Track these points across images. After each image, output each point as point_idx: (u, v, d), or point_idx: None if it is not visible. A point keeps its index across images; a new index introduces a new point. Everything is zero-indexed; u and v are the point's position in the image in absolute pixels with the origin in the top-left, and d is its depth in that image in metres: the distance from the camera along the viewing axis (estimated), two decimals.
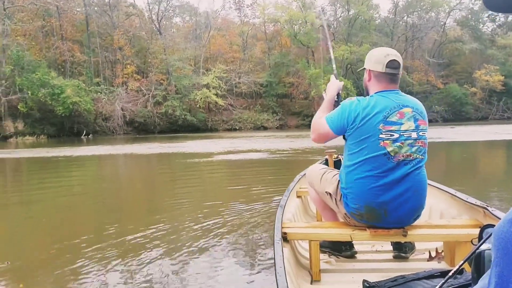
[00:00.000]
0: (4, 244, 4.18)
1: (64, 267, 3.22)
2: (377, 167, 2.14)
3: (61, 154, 14.81)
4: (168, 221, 4.60)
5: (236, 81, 39.66)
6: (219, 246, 3.68)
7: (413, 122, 2.17)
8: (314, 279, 2.29)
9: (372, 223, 2.24)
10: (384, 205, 2.15)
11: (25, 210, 5.91)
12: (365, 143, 2.15)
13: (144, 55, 39.07)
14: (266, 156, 12.08)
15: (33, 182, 8.54)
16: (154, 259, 3.37)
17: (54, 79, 30.28)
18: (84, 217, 5.41)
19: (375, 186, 2.15)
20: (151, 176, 9.57)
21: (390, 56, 2.19)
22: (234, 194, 6.27)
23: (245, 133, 31.82)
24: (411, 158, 2.15)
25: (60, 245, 3.86)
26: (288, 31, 41.94)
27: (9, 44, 30.78)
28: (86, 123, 31.83)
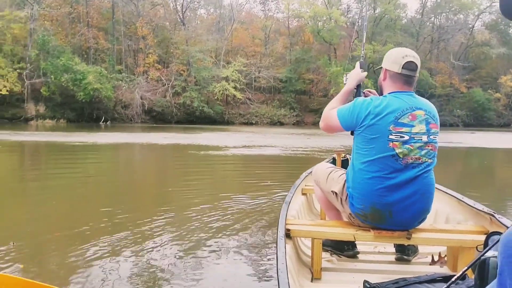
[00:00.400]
0: (12, 224, 4.26)
1: (68, 251, 3.26)
2: (385, 168, 2.12)
3: (78, 139, 15.09)
4: (176, 211, 4.65)
5: (256, 75, 39.60)
6: (221, 239, 3.68)
7: (425, 125, 2.13)
8: (314, 277, 2.29)
9: (376, 224, 2.22)
10: (390, 207, 2.13)
11: (38, 192, 6.04)
12: (374, 143, 2.13)
13: (167, 45, 39.33)
14: (279, 152, 12.04)
15: (49, 166, 8.72)
16: (153, 248, 3.38)
17: (77, 65, 30.84)
18: (94, 202, 5.47)
19: (382, 188, 2.13)
20: (164, 166, 9.65)
21: (408, 57, 2.15)
22: (243, 188, 6.27)
23: (261, 127, 31.81)
24: (420, 161, 2.12)
25: (68, 229, 3.93)
26: (312, 27, 41.57)
27: (36, 28, 31.43)
28: (106, 110, 32.32)
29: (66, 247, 3.33)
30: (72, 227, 3.95)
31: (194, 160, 9.95)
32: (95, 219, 4.27)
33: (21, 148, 11.77)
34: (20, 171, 8.25)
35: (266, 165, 9.52)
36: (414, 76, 2.18)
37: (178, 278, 2.83)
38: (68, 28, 36.23)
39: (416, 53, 2.25)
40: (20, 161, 9.65)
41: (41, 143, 11.24)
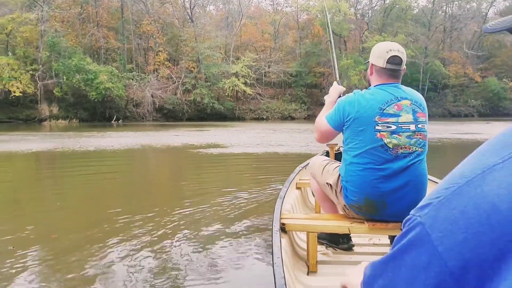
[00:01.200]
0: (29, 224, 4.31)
1: (86, 250, 3.37)
2: (376, 160, 2.14)
3: (90, 140, 15.26)
4: (188, 207, 4.77)
5: (266, 70, 39.47)
6: (217, 235, 3.75)
7: (412, 115, 2.16)
8: (310, 270, 2.31)
9: (370, 216, 2.24)
10: (383, 198, 2.16)
11: (54, 192, 6.11)
12: (362, 135, 2.16)
13: (176, 43, 39.43)
14: (289, 149, 11.97)
15: (65, 166, 8.82)
16: (152, 244, 3.45)
17: (89, 64, 31.13)
18: (110, 201, 5.56)
19: (374, 179, 2.15)
20: (175, 165, 9.68)
21: (392, 51, 2.18)
22: (248, 186, 6.27)
23: (272, 123, 31.72)
24: (410, 150, 2.15)
25: (86, 228, 4.04)
26: (321, 20, 41.17)
27: (47, 30, 31.80)
28: (118, 109, 32.61)
29: (83, 246, 3.44)
30: (88, 227, 4.08)
31: (205, 160, 9.95)
32: (111, 217, 4.40)
33: (36, 156, 11.93)
34: (36, 171, 8.38)
35: (273, 162, 9.46)
36: (399, 70, 2.21)
37: (180, 272, 2.91)
38: (78, 29, 36.57)
39: (407, 46, 2.41)
40: (35, 165, 9.78)
41: (56, 153, 11.34)
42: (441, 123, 25.71)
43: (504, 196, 0.35)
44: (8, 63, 29.25)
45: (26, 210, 5.05)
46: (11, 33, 31.36)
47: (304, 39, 44.23)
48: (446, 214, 0.39)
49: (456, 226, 0.37)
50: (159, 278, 2.83)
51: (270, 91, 40.76)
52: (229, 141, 14.11)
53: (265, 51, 42.66)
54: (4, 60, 29.12)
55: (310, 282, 2.21)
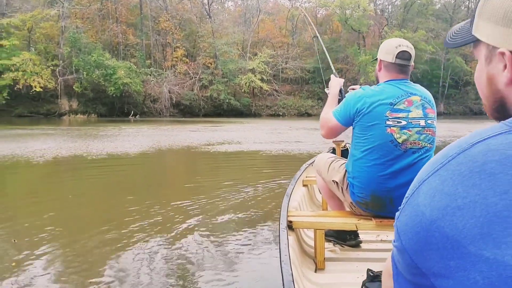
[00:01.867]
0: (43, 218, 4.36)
1: (102, 244, 3.46)
2: (385, 155, 2.13)
3: (108, 134, 15.44)
4: (199, 202, 4.85)
5: (283, 66, 39.24)
6: (226, 232, 3.79)
7: (422, 110, 2.16)
8: (318, 268, 2.32)
9: (377, 212, 2.23)
10: (390, 194, 2.14)
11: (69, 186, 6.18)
12: (372, 130, 2.15)
13: (194, 39, 39.57)
14: (304, 147, 11.87)
15: (81, 160, 8.93)
16: (156, 241, 3.50)
17: (108, 60, 31.55)
18: (122, 192, 5.65)
19: (382, 175, 2.14)
20: (189, 160, 9.69)
21: (401, 47, 2.17)
22: (258, 182, 6.22)
23: (289, 119, 31.53)
24: (419, 146, 2.14)
25: (102, 223, 4.10)
26: (339, 16, 40.70)
27: (67, 26, 32.34)
28: (135, 104, 32.97)
29: (100, 242, 3.52)
30: (103, 217, 4.27)
31: (220, 157, 9.93)
32: (126, 209, 4.53)
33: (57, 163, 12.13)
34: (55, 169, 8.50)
35: (290, 160, 9.36)
36: (408, 65, 2.20)
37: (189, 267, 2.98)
38: (98, 25, 37.05)
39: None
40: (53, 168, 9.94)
41: (77, 159, 11.49)
42: (461, 122, 25.10)
43: (428, 205, 0.47)
44: (30, 59, 29.86)
45: (43, 198, 5.21)
46: (32, 29, 32.00)
47: (322, 35, 43.73)
48: (403, 218, 0.51)
49: (407, 227, 0.50)
50: (167, 270, 2.91)
51: (287, 87, 40.53)
52: (244, 138, 14.07)
53: (282, 47, 42.40)
54: (26, 56, 29.73)
55: (317, 279, 2.20)
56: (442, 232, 0.45)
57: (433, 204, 0.47)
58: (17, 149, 9.98)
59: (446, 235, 0.44)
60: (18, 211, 4.62)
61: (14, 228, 3.91)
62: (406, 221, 0.50)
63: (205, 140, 13.22)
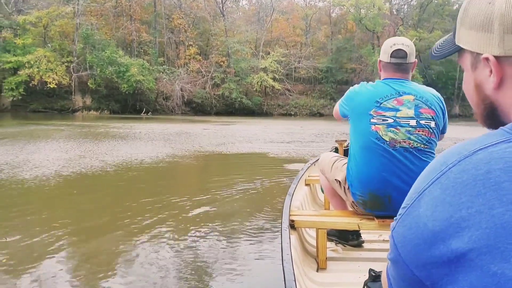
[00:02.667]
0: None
1: (113, 241, 3.55)
2: (374, 152, 2.12)
3: (120, 131, 15.52)
4: (206, 201, 4.93)
5: (295, 66, 39.02)
6: (226, 230, 3.83)
7: (413, 110, 2.10)
8: (320, 267, 2.32)
9: (377, 212, 2.21)
10: (387, 193, 2.12)
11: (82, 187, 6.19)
12: (359, 126, 2.18)
13: (207, 37, 39.61)
14: (315, 148, 11.74)
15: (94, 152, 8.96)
16: (159, 239, 3.56)
17: (121, 57, 31.78)
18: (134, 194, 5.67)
19: (377, 173, 2.12)
20: (196, 159, 9.65)
21: (395, 45, 2.15)
22: (263, 182, 6.19)
23: (300, 119, 31.34)
24: (409, 146, 2.09)
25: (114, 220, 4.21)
26: (353, 15, 40.28)
27: (82, 23, 32.68)
28: (148, 101, 33.16)
29: (112, 238, 3.61)
30: (113, 213, 4.40)
31: (231, 157, 9.88)
32: (137, 208, 4.58)
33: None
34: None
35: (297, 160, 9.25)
36: (404, 63, 2.16)
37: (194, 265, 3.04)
38: (112, 22, 37.35)
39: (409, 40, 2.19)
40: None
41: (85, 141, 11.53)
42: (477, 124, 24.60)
43: (430, 216, 0.45)
44: (44, 55, 30.25)
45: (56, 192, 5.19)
46: (48, 26, 32.41)
47: (336, 34, 43.41)
48: (401, 229, 0.49)
49: (406, 239, 0.48)
50: (171, 267, 2.98)
51: (300, 87, 40.30)
52: (255, 138, 14.00)
53: (295, 46, 42.17)
54: (41, 52, 30.13)
55: (319, 278, 2.20)
56: (446, 245, 0.43)
57: (435, 215, 0.45)
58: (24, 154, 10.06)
59: (450, 247, 0.42)
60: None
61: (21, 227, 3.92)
62: (404, 233, 0.48)
63: (215, 139, 13.18)
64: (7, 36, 30.67)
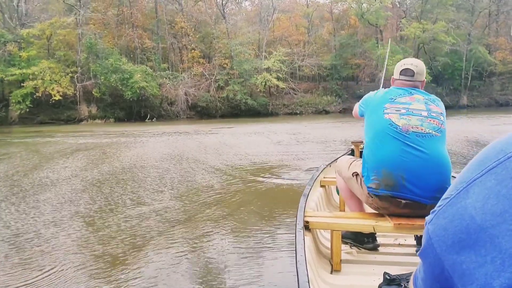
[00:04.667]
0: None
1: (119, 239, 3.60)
2: (388, 135, 2.26)
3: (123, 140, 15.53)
4: (217, 202, 5.10)
5: (299, 64, 38.79)
6: (240, 231, 3.91)
7: (424, 105, 2.30)
8: (334, 269, 2.31)
9: (391, 192, 2.24)
10: (401, 172, 2.20)
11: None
12: (372, 119, 2.39)
13: (210, 40, 39.58)
14: (320, 149, 11.59)
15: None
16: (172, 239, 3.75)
17: (124, 64, 31.88)
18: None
19: (391, 153, 2.24)
20: (206, 157, 9.56)
21: (405, 65, 2.45)
22: (277, 183, 6.20)
23: (306, 117, 31.10)
24: (422, 131, 2.22)
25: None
26: (355, 10, 39.93)
27: (84, 33, 32.88)
28: (152, 107, 33.21)
29: (116, 238, 3.80)
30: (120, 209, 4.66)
31: (238, 157, 9.76)
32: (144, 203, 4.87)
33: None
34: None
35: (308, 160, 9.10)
36: (411, 80, 2.43)
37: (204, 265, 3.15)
38: (114, 30, 37.53)
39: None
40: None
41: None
42: (487, 114, 24.16)
43: (479, 209, 0.40)
44: (49, 67, 30.47)
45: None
46: (51, 38, 32.66)
47: (339, 30, 43.09)
48: (441, 221, 0.44)
49: (447, 232, 0.43)
50: (183, 265, 3.11)
51: (304, 85, 40.03)
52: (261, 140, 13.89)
53: (298, 44, 41.92)
54: (45, 64, 30.36)
55: (333, 280, 2.19)
56: (494, 243, 0.37)
57: (486, 208, 0.39)
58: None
59: (499, 247, 0.37)
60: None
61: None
62: (445, 226, 0.43)
63: (222, 142, 13.09)
64: (12, 50, 30.97)
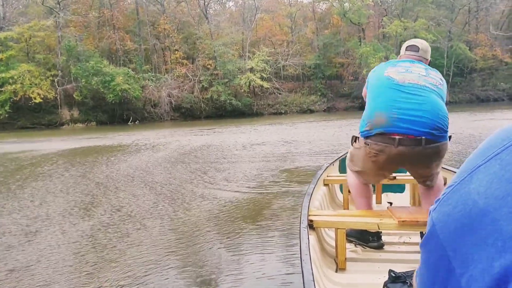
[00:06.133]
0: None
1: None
2: (385, 88, 2.39)
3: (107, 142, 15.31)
4: (221, 201, 5.19)
5: (282, 64, 38.79)
6: (245, 230, 3.96)
7: (424, 70, 2.44)
8: (339, 268, 2.31)
9: (383, 128, 2.30)
10: (393, 111, 2.29)
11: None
12: (374, 80, 2.53)
13: (193, 41, 39.33)
14: (306, 149, 11.56)
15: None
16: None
17: (105, 67, 31.45)
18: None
19: (385, 98, 2.36)
20: (204, 159, 9.44)
21: (411, 42, 2.66)
22: (280, 183, 6.23)
23: (291, 117, 31.10)
24: (419, 84, 2.33)
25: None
26: (337, 10, 40.12)
27: (64, 35, 32.39)
28: (135, 110, 32.85)
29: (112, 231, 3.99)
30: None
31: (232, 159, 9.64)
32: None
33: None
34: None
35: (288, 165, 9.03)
36: (416, 55, 2.57)
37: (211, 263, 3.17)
38: (95, 33, 37.06)
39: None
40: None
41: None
42: (469, 110, 24.44)
43: (482, 194, 0.39)
44: (28, 70, 29.91)
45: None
46: (30, 41, 32.08)
47: (322, 30, 43.23)
48: (445, 208, 0.44)
49: (450, 218, 0.43)
50: (191, 266, 3.12)
51: (289, 85, 40.05)
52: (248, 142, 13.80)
53: (282, 44, 41.94)
54: (24, 67, 29.79)
55: (338, 279, 2.19)
56: (496, 226, 0.37)
57: (489, 192, 0.39)
58: None
59: (501, 229, 0.36)
60: None
61: None
62: (449, 212, 0.44)
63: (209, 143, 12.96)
64: None
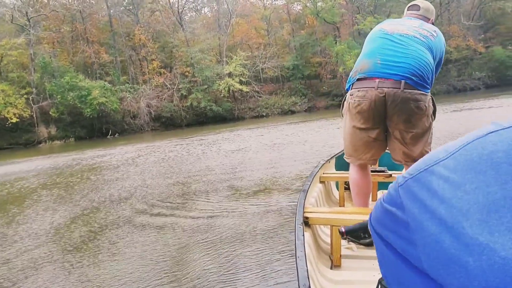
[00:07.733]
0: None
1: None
2: (374, 39, 2.46)
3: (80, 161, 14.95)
4: (218, 201, 5.24)
5: (261, 67, 38.78)
6: (240, 227, 3.96)
7: (419, 24, 2.47)
8: (334, 264, 2.32)
9: (367, 73, 2.36)
10: (378, 56, 2.35)
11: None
12: (369, 35, 2.59)
13: (170, 49, 39.08)
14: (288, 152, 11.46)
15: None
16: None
17: (81, 81, 30.98)
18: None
19: (372, 47, 2.42)
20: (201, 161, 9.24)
21: (413, 2, 2.66)
22: (275, 182, 6.26)
23: (273, 119, 31.05)
24: (407, 33, 2.37)
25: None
26: (311, 10, 40.36)
27: (36, 52, 31.83)
28: (115, 123, 32.41)
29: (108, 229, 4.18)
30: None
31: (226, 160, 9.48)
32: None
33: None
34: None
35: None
36: (417, 14, 2.60)
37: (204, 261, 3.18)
38: (69, 47, 36.53)
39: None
40: None
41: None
42: (447, 101, 24.67)
43: (441, 185, 0.49)
44: (2, 90, 29.27)
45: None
46: (3, 60, 31.44)
47: (299, 31, 43.40)
48: (411, 189, 0.53)
49: (415, 198, 0.51)
50: (188, 264, 3.14)
51: (269, 87, 40.03)
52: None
53: (259, 47, 41.96)
54: None
55: (333, 276, 2.19)
56: (449, 211, 0.46)
57: (445, 187, 0.48)
58: None
59: (452, 214, 0.46)
60: None
61: None
62: (415, 193, 0.51)
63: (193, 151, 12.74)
64: None
